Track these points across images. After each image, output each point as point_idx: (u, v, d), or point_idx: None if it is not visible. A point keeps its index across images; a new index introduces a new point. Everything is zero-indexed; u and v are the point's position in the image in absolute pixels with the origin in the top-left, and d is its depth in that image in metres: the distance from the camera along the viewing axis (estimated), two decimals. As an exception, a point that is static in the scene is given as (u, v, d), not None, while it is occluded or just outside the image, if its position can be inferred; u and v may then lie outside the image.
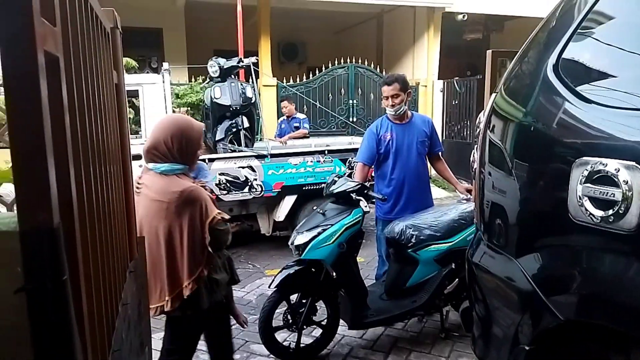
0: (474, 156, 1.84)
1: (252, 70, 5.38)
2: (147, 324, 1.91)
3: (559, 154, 1.39)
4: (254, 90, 5.33)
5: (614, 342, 1.32)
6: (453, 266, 3.00)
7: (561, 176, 1.30)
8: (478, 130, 1.80)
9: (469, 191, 3.39)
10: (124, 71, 1.81)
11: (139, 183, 1.99)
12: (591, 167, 1.19)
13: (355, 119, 8.90)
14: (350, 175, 4.01)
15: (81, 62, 1.02)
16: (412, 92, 3.52)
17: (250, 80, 5.64)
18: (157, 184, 1.97)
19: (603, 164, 1.16)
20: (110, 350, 1.06)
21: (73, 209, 0.76)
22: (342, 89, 8.99)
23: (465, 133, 9.01)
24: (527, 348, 1.43)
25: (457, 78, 9.21)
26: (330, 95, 8.89)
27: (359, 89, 9.08)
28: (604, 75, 1.42)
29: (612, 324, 1.22)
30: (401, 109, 3.30)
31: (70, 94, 0.88)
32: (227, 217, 2.14)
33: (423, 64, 9.89)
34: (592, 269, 1.26)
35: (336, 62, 8.93)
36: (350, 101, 8.99)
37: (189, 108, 6.89)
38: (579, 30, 1.50)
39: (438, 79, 9.70)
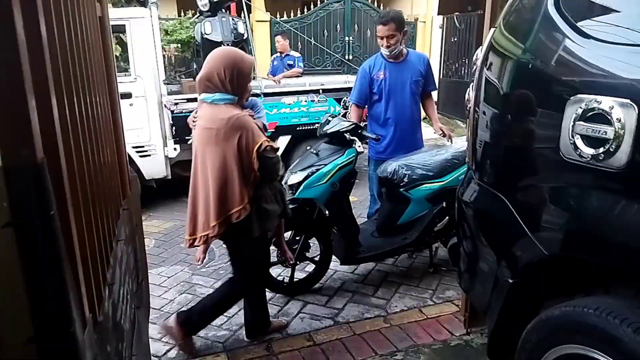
0: (469, 95, 1.81)
1: (244, 4, 5.15)
2: (144, 260, 1.96)
3: (555, 92, 1.37)
4: (246, 25, 5.14)
5: (594, 276, 1.38)
6: (444, 204, 3.05)
7: (555, 114, 1.29)
8: (474, 67, 1.76)
9: (442, 131, 3.42)
10: (109, 3, 1.74)
11: (194, 117, 2.11)
12: (585, 104, 1.18)
13: (351, 57, 8.67)
14: (344, 115, 3.96)
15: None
16: (408, 30, 3.38)
17: (242, 15, 5.43)
18: (208, 113, 2.07)
19: (597, 102, 1.14)
20: (105, 284, 1.09)
21: (58, 144, 0.75)
22: (338, 25, 8.69)
23: (463, 72, 8.83)
24: (510, 281, 1.49)
25: (457, 14, 8.89)
26: (325, 31, 8.60)
27: (356, 25, 8.78)
28: (605, 11, 1.37)
29: (596, 259, 1.26)
30: (396, 50, 3.20)
31: (49, 25, 0.84)
32: (275, 145, 2.21)
33: (422, -2, 9.51)
34: (579, 206, 1.28)
35: (332, -4, 8.57)
36: (347, 38, 8.72)
37: (178, 45, 6.68)
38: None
39: (437, 14, 9.35)
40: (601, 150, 1.13)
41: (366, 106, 3.48)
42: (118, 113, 1.69)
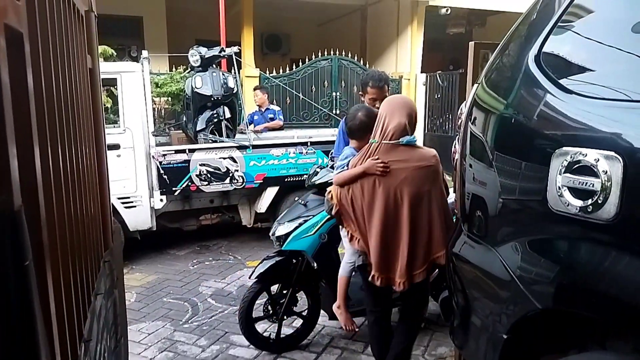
0: (455, 147, 1.83)
1: (234, 60, 5.30)
2: (124, 315, 1.87)
3: (539, 145, 1.39)
4: (236, 80, 5.26)
5: (591, 330, 1.34)
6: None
7: (541, 167, 1.30)
8: (460, 121, 1.80)
9: None
10: (101, 57, 1.77)
11: (384, 162, 2.14)
12: (571, 157, 1.19)
13: (338, 111, 8.87)
14: (332, 167, 3.98)
15: (50, 41, 0.98)
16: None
17: (233, 70, 5.57)
18: (416, 154, 2.20)
19: (583, 154, 1.16)
20: (82, 340, 1.03)
21: (38, 192, 0.73)
22: (326, 81, 8.94)
23: (447, 126, 9.07)
24: (504, 337, 1.44)
25: (439, 72, 9.25)
26: (313, 87, 8.83)
27: (342, 81, 9.04)
28: (585, 67, 1.43)
29: (589, 313, 1.23)
30: None
31: (36, 74, 0.84)
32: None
33: (406, 57, 9.91)
34: (570, 258, 1.27)
35: (320, 54, 8.88)
36: (334, 93, 8.95)
37: (169, 98, 6.77)
38: (559, 23, 1.50)
39: (421, 72, 9.72)
40: (589, 202, 1.13)
41: None
42: (104, 164, 1.67)
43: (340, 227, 2.44)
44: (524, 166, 1.43)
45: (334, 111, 8.85)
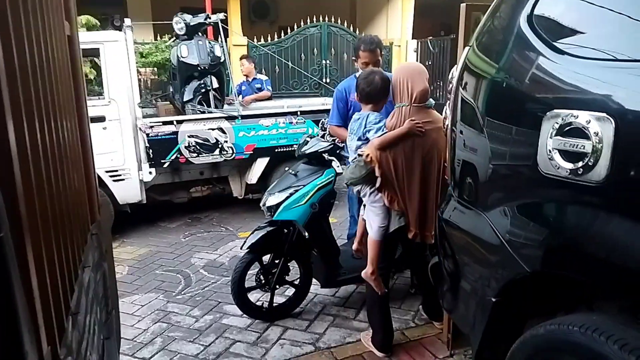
0: (445, 113, 1.81)
1: (221, 27, 5.16)
2: (114, 288, 1.87)
3: (531, 108, 1.37)
4: (223, 49, 5.13)
5: (579, 292, 1.36)
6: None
7: (532, 131, 1.29)
8: (450, 86, 1.77)
9: None
10: (84, 28, 1.70)
11: (418, 124, 2.27)
12: (562, 119, 1.18)
13: (328, 80, 8.76)
14: (323, 137, 3.94)
15: (21, 3, 0.92)
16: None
17: (219, 39, 5.43)
18: (435, 115, 2.38)
19: (574, 116, 1.14)
20: (69, 313, 1.02)
21: (13, 165, 0.70)
22: (315, 49, 8.79)
23: (438, 94, 9.00)
24: (493, 300, 1.46)
25: (430, 38, 9.12)
26: (302, 55, 8.69)
27: (332, 49, 8.90)
28: (578, 28, 1.40)
29: (578, 275, 1.24)
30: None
31: (5, 42, 0.79)
32: None
33: (397, 23, 9.73)
34: (560, 221, 1.28)
35: (309, 21, 8.69)
36: (323, 61, 8.82)
37: (154, 68, 6.62)
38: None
39: (412, 38, 9.58)
40: (580, 164, 1.13)
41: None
42: (87, 136, 1.63)
43: (368, 190, 2.43)
44: (515, 131, 1.42)
45: (323, 80, 8.74)
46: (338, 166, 2.84)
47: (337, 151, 2.92)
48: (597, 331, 1.10)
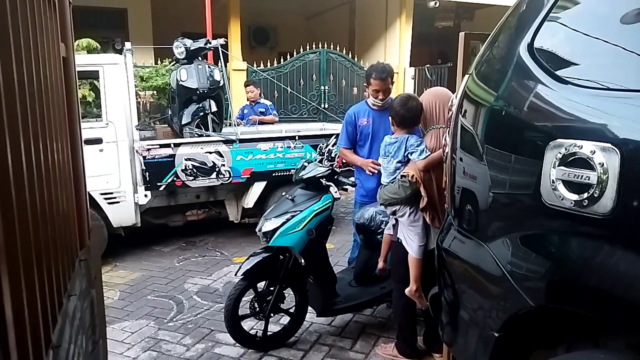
0: (445, 140, 1.79)
1: (221, 52, 5.20)
2: (102, 316, 1.80)
3: (532, 137, 1.35)
4: (223, 73, 5.16)
5: (582, 326, 1.31)
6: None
7: (534, 160, 1.26)
8: (450, 113, 1.75)
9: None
10: (84, 51, 1.68)
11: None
12: (565, 149, 1.15)
13: (327, 105, 8.81)
14: (321, 162, 3.94)
15: (12, 25, 0.90)
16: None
17: (219, 63, 5.47)
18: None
19: (578, 146, 1.12)
20: (50, 346, 0.96)
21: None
22: (314, 75, 8.87)
23: (435, 121, 9.05)
24: (496, 334, 1.40)
25: (428, 65, 9.23)
26: (301, 80, 8.76)
27: (331, 75, 8.99)
28: (580, 57, 1.38)
29: (584, 310, 1.19)
30: (388, 102, 3.23)
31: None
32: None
33: (395, 51, 9.87)
34: (564, 254, 1.23)
35: (308, 47, 8.80)
36: (322, 87, 8.89)
37: (154, 92, 6.64)
38: (552, 13, 1.46)
39: (410, 66, 9.69)
40: (585, 195, 1.09)
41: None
42: (79, 158, 1.60)
43: (408, 210, 2.51)
44: (515, 159, 1.38)
45: (322, 105, 8.79)
46: (336, 192, 2.80)
47: (335, 176, 2.89)
48: (606, 371, 1.04)
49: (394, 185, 2.51)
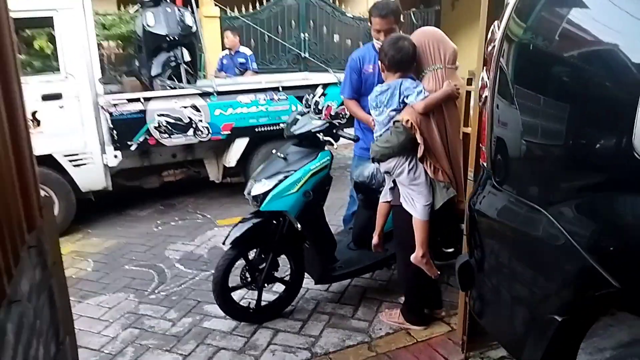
0: (482, 80, 1.46)
1: (191, -6, 4.66)
2: (67, 308, 1.48)
3: (626, 80, 1.03)
4: (194, 17, 4.63)
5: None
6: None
7: (626, 103, 0.95)
8: (491, 45, 1.41)
9: None
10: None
11: (457, 86, 2.17)
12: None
13: (307, 54, 8.29)
14: (318, 112, 3.55)
15: None
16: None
17: (190, 8, 4.93)
18: (460, 78, 2.29)
19: None
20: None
21: None
22: (293, 21, 8.29)
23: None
24: (559, 319, 1.14)
25: (414, 9, 8.73)
26: (279, 28, 8.18)
27: (311, 22, 8.41)
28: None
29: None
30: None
31: None
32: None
33: (377, -6, 9.29)
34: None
35: (286, -10, 8.16)
36: (302, 34, 8.33)
37: (118, 41, 6.05)
38: None
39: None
40: None
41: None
42: (19, 119, 1.21)
43: (407, 166, 2.23)
44: (599, 102, 1.07)
45: (302, 54, 8.26)
46: (335, 147, 2.47)
47: (334, 130, 2.55)
48: None
49: (387, 133, 2.22)
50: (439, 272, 2.38)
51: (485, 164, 1.50)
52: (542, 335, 1.20)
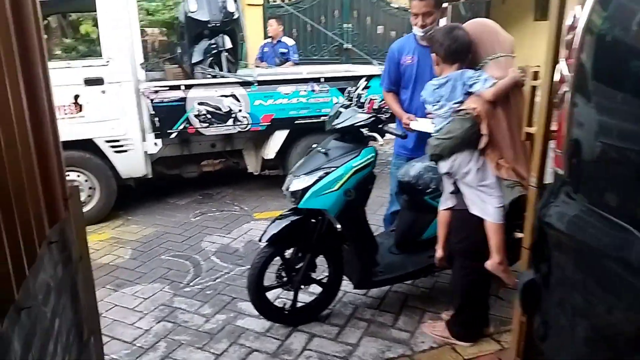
0: (561, 75, 1.26)
1: (234, -18, 4.54)
2: (93, 306, 1.39)
3: None
4: (237, 4, 4.53)
5: None
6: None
7: None
8: (574, 34, 1.20)
9: None
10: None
11: (522, 74, 1.98)
12: None
13: (350, 45, 8.08)
14: (361, 106, 3.39)
15: None
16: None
17: (232, -5, 4.82)
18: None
19: None
20: None
21: None
22: (336, 11, 8.09)
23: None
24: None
25: (463, 0, 8.36)
26: (322, 17, 8.00)
27: (355, 12, 8.19)
28: None
29: None
30: (432, 30, 2.63)
31: None
32: None
33: (426, -16, 8.93)
34: None
35: (330, -21, 7.97)
36: (345, 25, 8.13)
37: (162, 28, 6.06)
38: None
39: (444, 1, 8.80)
40: None
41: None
42: (43, 106, 1.12)
43: (473, 165, 2.06)
44: None
45: (344, 45, 8.06)
46: (381, 144, 2.30)
47: (380, 125, 2.38)
48: None
49: (447, 126, 2.05)
50: (517, 280, 2.18)
51: (560, 171, 1.29)
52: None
